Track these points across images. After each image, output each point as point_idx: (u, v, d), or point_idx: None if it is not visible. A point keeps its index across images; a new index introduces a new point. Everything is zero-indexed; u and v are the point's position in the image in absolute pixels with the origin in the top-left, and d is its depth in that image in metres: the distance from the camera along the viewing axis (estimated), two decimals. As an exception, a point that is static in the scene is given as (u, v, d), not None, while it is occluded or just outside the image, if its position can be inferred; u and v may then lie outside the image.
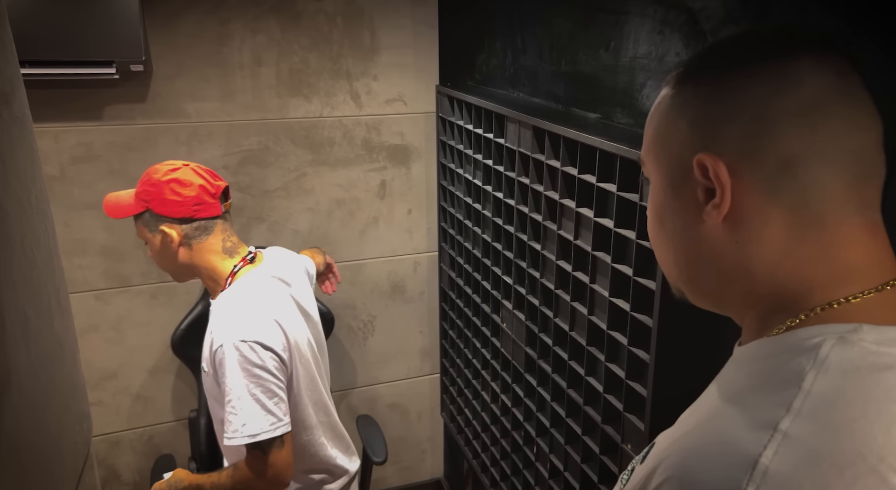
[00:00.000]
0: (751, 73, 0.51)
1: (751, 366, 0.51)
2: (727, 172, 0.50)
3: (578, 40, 1.40)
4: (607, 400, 1.32)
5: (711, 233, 0.53)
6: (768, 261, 0.52)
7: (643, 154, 0.60)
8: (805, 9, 0.89)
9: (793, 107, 0.49)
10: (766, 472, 0.42)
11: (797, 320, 0.50)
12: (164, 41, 1.86)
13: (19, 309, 0.47)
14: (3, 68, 0.50)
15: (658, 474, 0.48)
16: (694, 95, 0.54)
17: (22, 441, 0.44)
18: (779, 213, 0.50)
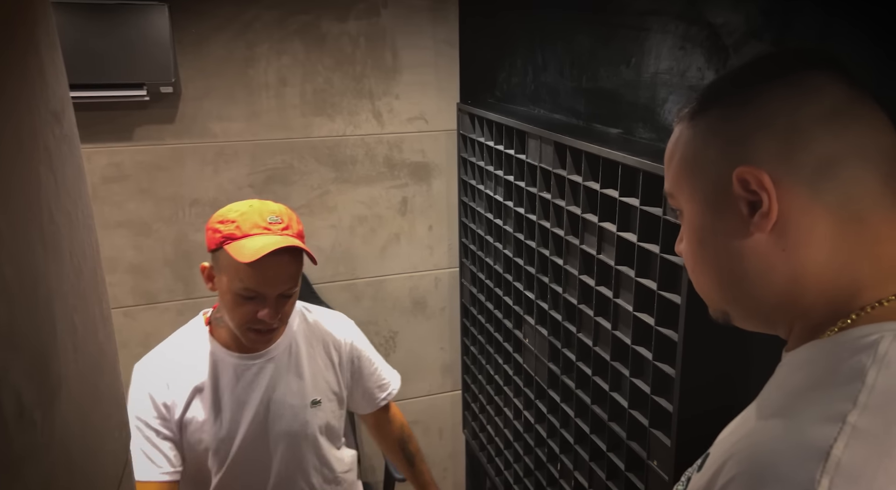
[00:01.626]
0: (773, 86, 0.54)
1: (808, 366, 0.52)
2: (770, 180, 0.52)
3: (599, 57, 1.42)
4: (632, 416, 1.31)
5: (758, 245, 0.54)
6: (817, 263, 0.53)
7: (670, 188, 0.61)
8: (829, 24, 0.90)
9: (819, 113, 0.52)
10: (838, 464, 0.42)
11: (849, 320, 0.51)
12: (192, 63, 1.91)
13: (68, 318, 0.48)
14: (55, 89, 0.53)
15: (725, 472, 0.48)
16: (719, 117, 0.56)
17: (71, 447, 0.45)
18: (824, 214, 0.52)
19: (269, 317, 1.21)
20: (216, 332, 1.32)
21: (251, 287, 1.19)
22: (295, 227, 1.26)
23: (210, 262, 1.26)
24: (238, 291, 1.20)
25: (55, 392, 0.43)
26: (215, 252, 1.22)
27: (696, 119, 0.58)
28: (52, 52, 0.54)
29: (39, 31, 0.51)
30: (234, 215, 1.22)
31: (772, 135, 0.53)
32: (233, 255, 1.17)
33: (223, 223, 1.22)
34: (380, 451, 2.16)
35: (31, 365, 0.40)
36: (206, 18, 1.89)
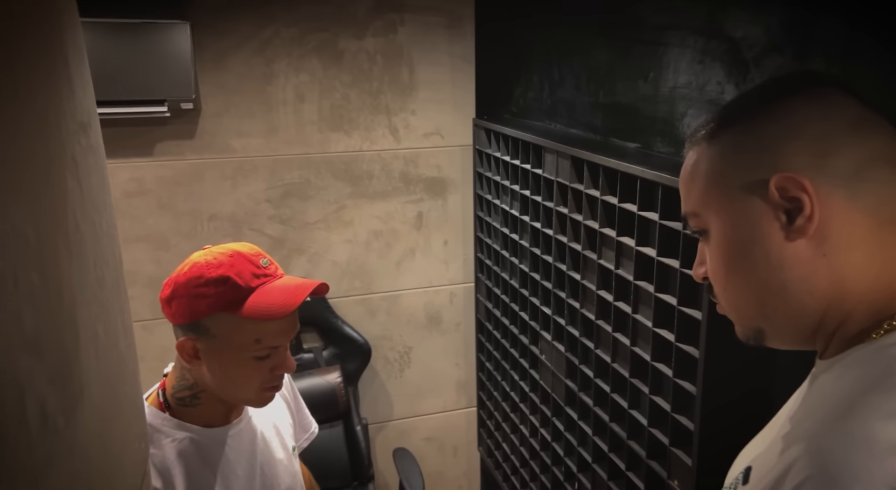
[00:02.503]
0: (798, 98, 0.56)
1: (859, 369, 0.52)
2: (811, 184, 0.53)
3: (616, 71, 1.42)
4: (652, 434, 1.29)
5: (799, 252, 0.55)
6: (857, 267, 0.54)
7: (694, 207, 0.61)
8: (850, 37, 0.89)
9: (845, 122, 0.55)
10: None
11: (893, 323, 0.52)
12: (213, 80, 1.94)
13: (91, 326, 0.49)
14: (82, 100, 0.53)
15: (791, 478, 0.47)
16: (743, 132, 0.57)
17: (92, 454, 0.45)
18: (861, 215, 0.53)
19: (290, 366, 1.03)
20: (187, 413, 1.05)
21: (272, 343, 0.98)
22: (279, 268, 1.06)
23: (187, 336, 0.97)
24: (254, 354, 0.98)
25: (77, 399, 0.43)
26: (202, 322, 0.96)
27: (717, 137, 0.58)
28: (80, 64, 0.55)
29: (68, 42, 0.52)
30: (217, 274, 0.95)
31: (803, 143, 0.54)
32: (249, 316, 0.94)
33: (206, 285, 0.94)
34: (394, 469, 2.14)
35: (54, 371, 0.40)
36: (226, 36, 1.93)
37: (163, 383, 1.07)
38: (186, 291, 0.95)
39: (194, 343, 0.97)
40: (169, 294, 0.97)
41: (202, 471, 1.05)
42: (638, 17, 1.33)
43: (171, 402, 1.05)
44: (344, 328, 2.20)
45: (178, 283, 0.96)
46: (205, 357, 0.98)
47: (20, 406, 0.34)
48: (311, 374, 2.04)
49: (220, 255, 0.98)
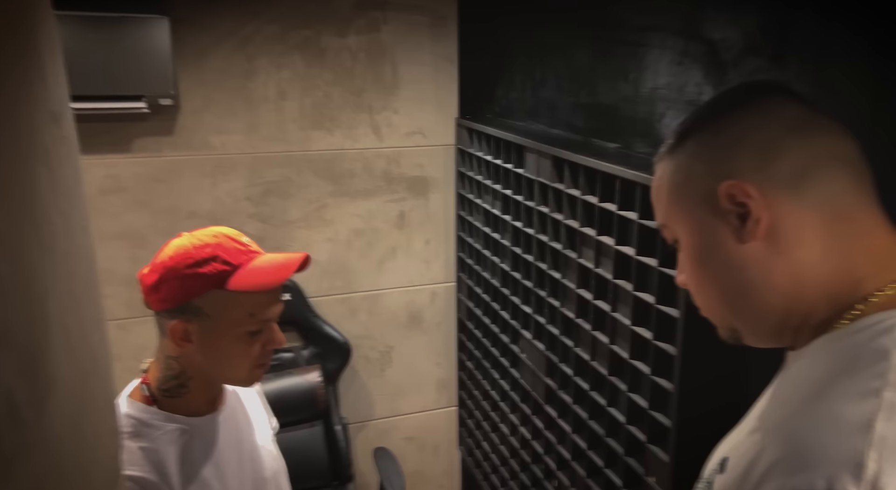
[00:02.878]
0: (742, 108, 0.60)
1: (828, 357, 0.54)
2: (754, 189, 0.56)
3: (598, 72, 1.43)
4: (630, 431, 1.30)
5: (755, 253, 0.58)
6: (813, 261, 0.56)
7: (663, 219, 0.66)
8: (826, 39, 0.91)
9: (785, 126, 0.58)
10: (884, 436, 0.43)
11: (857, 311, 0.54)
12: (192, 76, 1.92)
13: (61, 319, 0.48)
14: (55, 90, 0.53)
15: (763, 461, 0.49)
16: (697, 143, 0.61)
17: (63, 448, 0.45)
18: (809, 214, 0.56)
19: (280, 340, 1.04)
20: (174, 404, 1.04)
21: (265, 317, 1.00)
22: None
23: (178, 319, 0.96)
24: (247, 330, 0.99)
25: (47, 392, 0.43)
26: (194, 302, 0.96)
27: (675, 152, 0.63)
28: (52, 54, 0.54)
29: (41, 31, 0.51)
30: (205, 253, 0.97)
31: (747, 150, 0.58)
32: (244, 289, 0.96)
33: (197, 265, 0.96)
34: (374, 469, 2.13)
35: (23, 363, 0.39)
36: (206, 31, 1.91)
37: (144, 378, 1.06)
38: (177, 273, 0.95)
39: (186, 326, 0.97)
40: (156, 279, 0.96)
41: (196, 459, 1.06)
42: (619, 18, 1.34)
43: (157, 395, 1.04)
44: (324, 327, 2.19)
45: (166, 267, 0.96)
46: (197, 339, 0.97)
47: (-14, 397, 0.33)
48: (290, 373, 2.03)
49: (204, 236, 1.00)
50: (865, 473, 0.42)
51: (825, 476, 0.43)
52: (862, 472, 0.42)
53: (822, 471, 0.44)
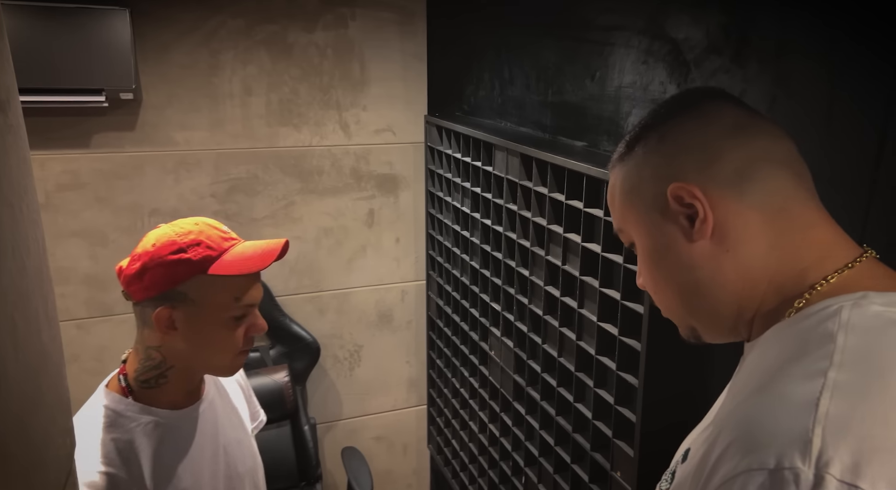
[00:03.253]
0: (681, 115, 0.63)
1: (779, 344, 0.56)
2: (700, 190, 0.58)
3: (565, 71, 1.44)
4: (596, 427, 1.32)
5: (704, 252, 0.60)
6: (759, 255, 0.58)
7: (618, 224, 0.68)
8: (784, 39, 0.93)
9: (724, 129, 0.60)
10: (828, 413, 0.45)
11: (803, 301, 0.56)
12: (154, 70, 1.88)
13: (8, 315, 0.46)
14: (0, 77, 0.51)
15: (718, 445, 0.50)
16: (643, 151, 0.64)
17: (7, 450, 0.43)
18: (752, 211, 0.58)
19: (261, 326, 1.06)
20: (151, 395, 1.04)
21: (250, 301, 1.02)
22: None
23: (162, 306, 0.97)
24: (232, 314, 1.00)
25: (-10, 391, 0.41)
26: (179, 289, 0.97)
27: (625, 159, 0.66)
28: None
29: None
30: (189, 239, 0.99)
31: (689, 154, 0.60)
32: (229, 273, 0.97)
33: (182, 251, 0.98)
34: (342, 469, 2.12)
35: (-37, 359, 0.38)
36: (169, 24, 1.86)
37: (122, 369, 1.05)
38: (161, 260, 0.96)
39: (171, 312, 0.97)
40: (139, 268, 0.97)
41: (169, 453, 1.05)
42: (585, 18, 1.35)
43: (134, 387, 1.04)
44: (292, 326, 2.16)
45: (150, 255, 0.97)
46: (182, 325, 0.98)
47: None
48: (257, 373, 2.00)
49: (185, 225, 1.01)
50: (812, 449, 0.44)
51: (775, 454, 0.45)
52: (809, 449, 0.44)
53: (772, 449, 0.45)
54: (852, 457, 0.43)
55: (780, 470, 0.44)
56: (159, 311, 0.96)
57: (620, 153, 0.66)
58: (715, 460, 0.49)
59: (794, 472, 0.43)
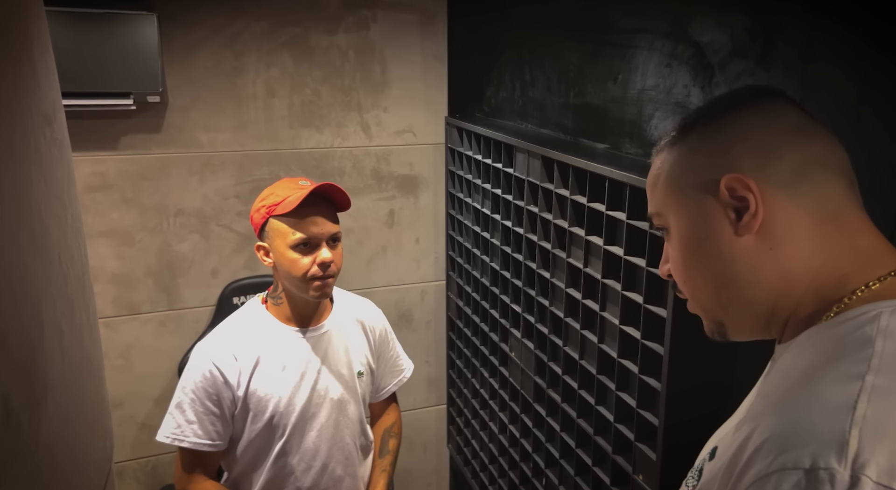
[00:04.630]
0: (745, 107, 0.62)
1: (815, 347, 0.56)
2: (755, 184, 0.58)
3: (587, 73, 1.44)
4: (618, 429, 1.32)
5: (747, 247, 0.59)
6: (803, 258, 0.58)
7: (656, 208, 0.67)
8: (810, 42, 0.92)
9: (786, 128, 0.60)
10: (865, 416, 0.45)
11: (842, 305, 0.56)
12: (180, 73, 1.91)
13: (56, 322, 0.48)
14: (48, 92, 0.52)
15: (751, 444, 0.50)
16: (699, 137, 0.63)
17: (56, 451, 0.44)
18: (802, 213, 0.58)
19: (329, 258, 1.35)
20: (273, 310, 1.45)
21: (305, 234, 1.33)
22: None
23: (261, 242, 1.38)
24: (294, 244, 1.33)
25: (42, 396, 0.43)
26: (264, 227, 1.37)
27: (676, 145, 0.64)
28: (45, 56, 0.54)
29: (33, 34, 0.51)
30: (269, 191, 1.38)
31: (749, 147, 0.60)
32: (280, 213, 1.33)
33: (262, 201, 1.38)
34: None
35: (19, 366, 0.39)
36: (194, 28, 1.89)
37: (270, 288, 1.48)
38: (252, 211, 1.40)
39: (262, 247, 1.39)
40: (250, 216, 1.41)
41: (272, 357, 1.41)
42: (608, 20, 1.35)
43: (269, 298, 1.46)
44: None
45: (253, 207, 1.40)
46: (272, 255, 1.37)
47: (-16, 402, 0.33)
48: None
49: (276, 182, 1.41)
50: (848, 450, 0.44)
51: (810, 454, 0.45)
52: (845, 450, 0.44)
53: (807, 449, 0.45)
54: (889, 460, 0.43)
55: (815, 470, 0.44)
56: (256, 245, 1.40)
57: (672, 138, 0.65)
58: (747, 458, 0.49)
59: (830, 473, 0.43)
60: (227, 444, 1.43)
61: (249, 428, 1.43)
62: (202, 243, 2.05)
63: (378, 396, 1.65)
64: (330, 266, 1.36)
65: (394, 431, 1.67)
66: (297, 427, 1.45)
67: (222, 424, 1.41)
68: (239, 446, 1.44)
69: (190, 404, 1.38)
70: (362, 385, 1.55)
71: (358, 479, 1.56)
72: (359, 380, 1.53)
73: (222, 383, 1.39)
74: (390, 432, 1.66)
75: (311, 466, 1.48)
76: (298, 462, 1.47)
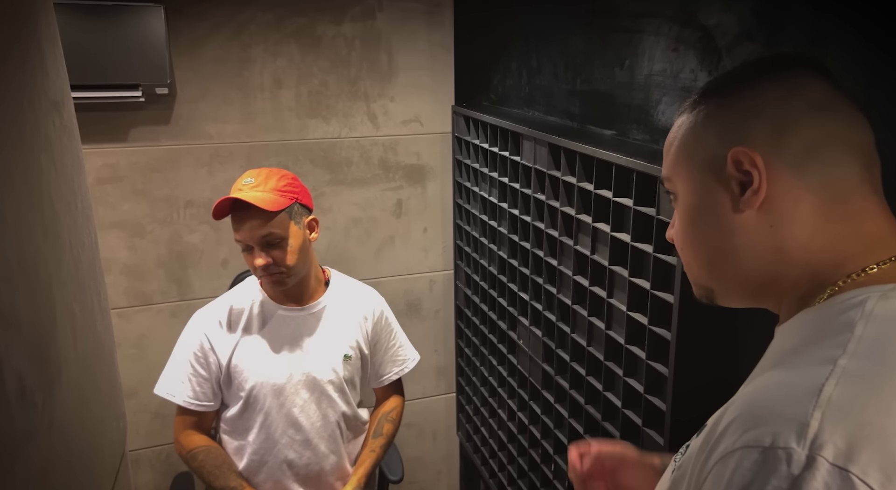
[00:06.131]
0: (766, 80, 0.60)
1: (801, 329, 0.56)
2: (762, 160, 0.56)
3: (594, 59, 1.43)
4: (626, 415, 1.32)
5: (747, 222, 0.59)
6: (802, 238, 0.57)
7: (668, 172, 0.66)
8: (819, 24, 0.92)
9: (806, 105, 0.58)
10: (829, 399, 0.45)
11: (836, 288, 0.55)
12: (188, 65, 1.92)
13: (68, 306, 0.49)
14: (56, 79, 0.53)
15: (724, 420, 0.50)
16: (718, 105, 0.61)
17: (70, 432, 0.46)
18: (808, 193, 0.57)
19: (259, 262, 1.42)
20: (265, 287, 1.53)
21: (236, 238, 1.44)
22: (270, 185, 1.46)
23: None
24: (241, 246, 1.45)
25: (55, 377, 0.44)
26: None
27: (696, 109, 0.63)
28: (53, 46, 0.55)
29: (41, 24, 0.52)
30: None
31: (763, 121, 0.58)
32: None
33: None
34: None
35: (32, 348, 0.40)
36: (201, 20, 1.90)
37: None
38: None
39: None
40: None
41: (257, 332, 1.52)
42: (614, 5, 1.34)
43: None
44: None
45: None
46: None
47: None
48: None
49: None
50: (808, 432, 0.44)
51: (771, 433, 0.45)
52: (805, 431, 0.44)
53: (769, 428, 0.45)
54: (847, 442, 0.43)
55: (774, 449, 0.44)
56: None
57: (693, 101, 0.64)
58: (719, 434, 0.50)
59: (787, 452, 0.43)
60: (218, 404, 1.55)
61: (235, 396, 1.53)
62: (212, 234, 2.07)
63: (379, 382, 1.71)
64: (269, 267, 1.43)
65: (391, 417, 1.72)
66: (277, 401, 1.52)
67: (210, 387, 1.52)
68: (227, 412, 1.54)
69: (182, 364, 1.50)
70: (349, 368, 1.60)
71: (343, 457, 1.63)
72: (345, 362, 1.59)
73: (209, 349, 1.50)
74: (388, 417, 1.71)
75: (294, 440, 1.55)
76: (281, 435, 1.55)
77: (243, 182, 1.45)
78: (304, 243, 1.50)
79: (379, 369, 1.71)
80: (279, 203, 1.44)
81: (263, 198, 1.42)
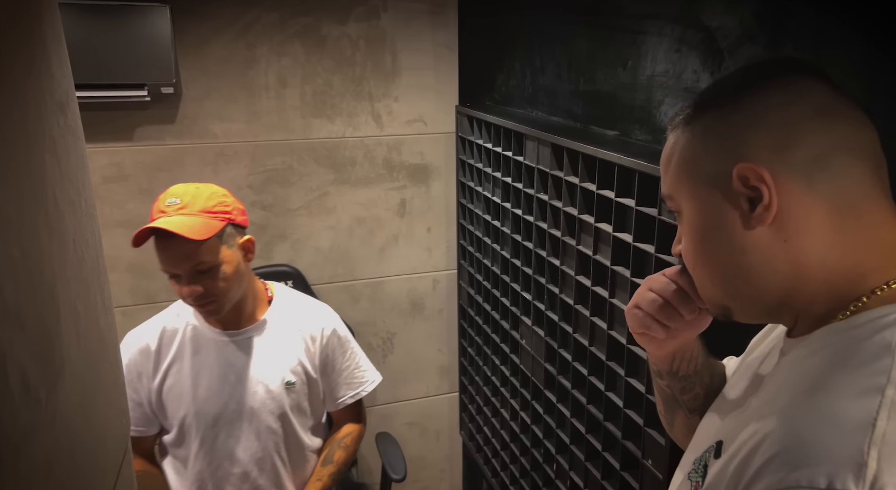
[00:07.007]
0: (764, 87, 0.57)
1: (827, 349, 0.53)
2: (769, 174, 0.54)
3: (597, 59, 1.43)
4: (627, 415, 1.32)
5: (760, 238, 0.56)
6: (818, 251, 0.55)
7: (669, 190, 0.63)
8: (821, 26, 0.92)
9: (808, 110, 0.55)
10: (884, 435, 0.43)
11: (860, 303, 0.53)
12: (193, 64, 1.93)
13: (71, 303, 0.50)
14: (60, 80, 0.54)
15: (761, 453, 0.48)
16: (714, 118, 0.58)
17: (74, 426, 0.46)
18: (819, 203, 0.54)
19: (187, 293, 1.30)
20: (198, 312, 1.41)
21: (162, 267, 1.32)
22: (198, 205, 1.31)
23: None
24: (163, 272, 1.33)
25: (58, 373, 0.44)
26: None
27: (691, 123, 0.60)
28: (57, 45, 0.56)
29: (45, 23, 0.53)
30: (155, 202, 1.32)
31: (765, 131, 0.55)
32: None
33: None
34: (376, 453, 2.16)
35: (35, 344, 0.41)
36: (207, 19, 1.91)
37: None
38: None
39: None
40: None
41: (189, 358, 1.39)
42: (617, 6, 1.34)
43: None
44: (327, 314, 2.21)
45: None
46: None
47: (2, 373, 0.35)
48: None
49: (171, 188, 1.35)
50: (866, 472, 0.42)
51: (826, 473, 0.43)
52: (863, 471, 0.42)
53: (823, 468, 0.43)
54: None
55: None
56: None
57: (687, 115, 0.61)
58: (757, 469, 0.47)
59: None
60: (154, 429, 1.44)
61: (169, 424, 1.42)
62: (216, 233, 2.08)
63: (335, 406, 1.58)
64: (200, 297, 1.29)
65: (344, 443, 1.58)
66: (213, 432, 1.40)
67: (142, 412, 1.41)
68: (166, 437, 1.44)
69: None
70: (293, 395, 1.46)
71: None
72: (287, 389, 1.44)
73: (136, 375, 1.40)
74: (340, 443, 1.57)
75: (231, 473, 1.43)
76: (217, 467, 1.42)
77: (167, 202, 1.28)
78: (238, 267, 1.35)
79: (333, 392, 1.56)
80: (208, 228, 1.27)
81: (191, 224, 1.25)
